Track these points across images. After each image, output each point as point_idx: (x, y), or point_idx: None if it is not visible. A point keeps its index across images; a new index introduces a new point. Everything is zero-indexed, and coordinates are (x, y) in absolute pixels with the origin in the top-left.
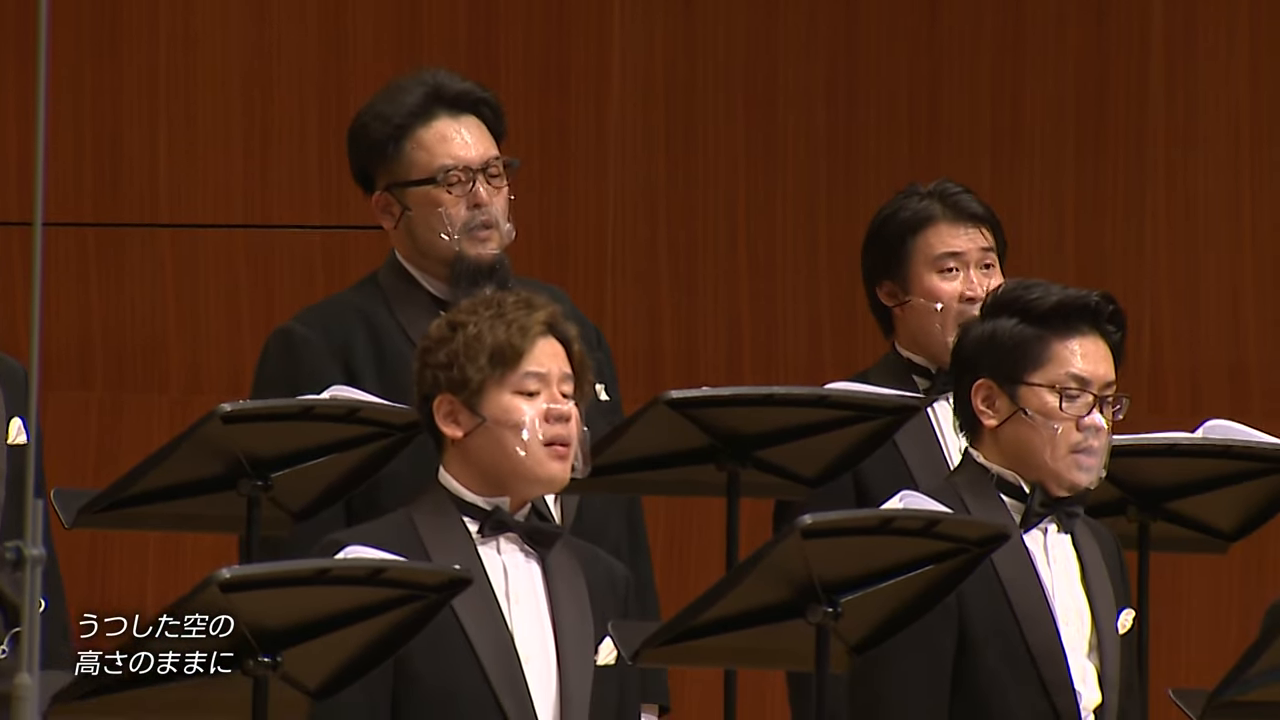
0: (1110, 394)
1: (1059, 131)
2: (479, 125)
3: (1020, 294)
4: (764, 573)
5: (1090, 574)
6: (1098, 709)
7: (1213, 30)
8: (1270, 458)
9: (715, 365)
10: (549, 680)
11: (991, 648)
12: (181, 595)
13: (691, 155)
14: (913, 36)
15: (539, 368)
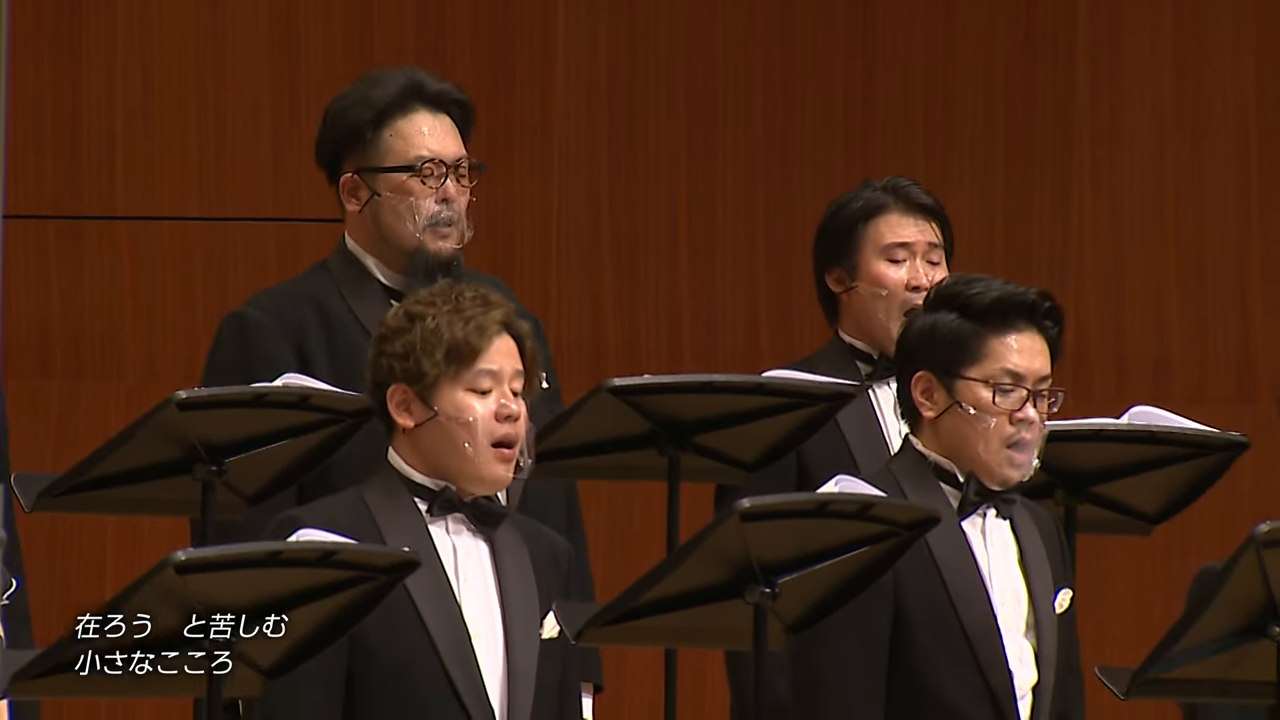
0: (1045, 388)
1: (988, 130)
2: (452, 124)
3: (961, 289)
4: (704, 554)
5: (1028, 556)
6: (1035, 687)
7: (1137, 32)
8: (1192, 443)
9: (656, 354)
10: (496, 653)
11: (927, 628)
12: (138, 577)
13: (633, 152)
14: (847, 38)
15: (493, 365)
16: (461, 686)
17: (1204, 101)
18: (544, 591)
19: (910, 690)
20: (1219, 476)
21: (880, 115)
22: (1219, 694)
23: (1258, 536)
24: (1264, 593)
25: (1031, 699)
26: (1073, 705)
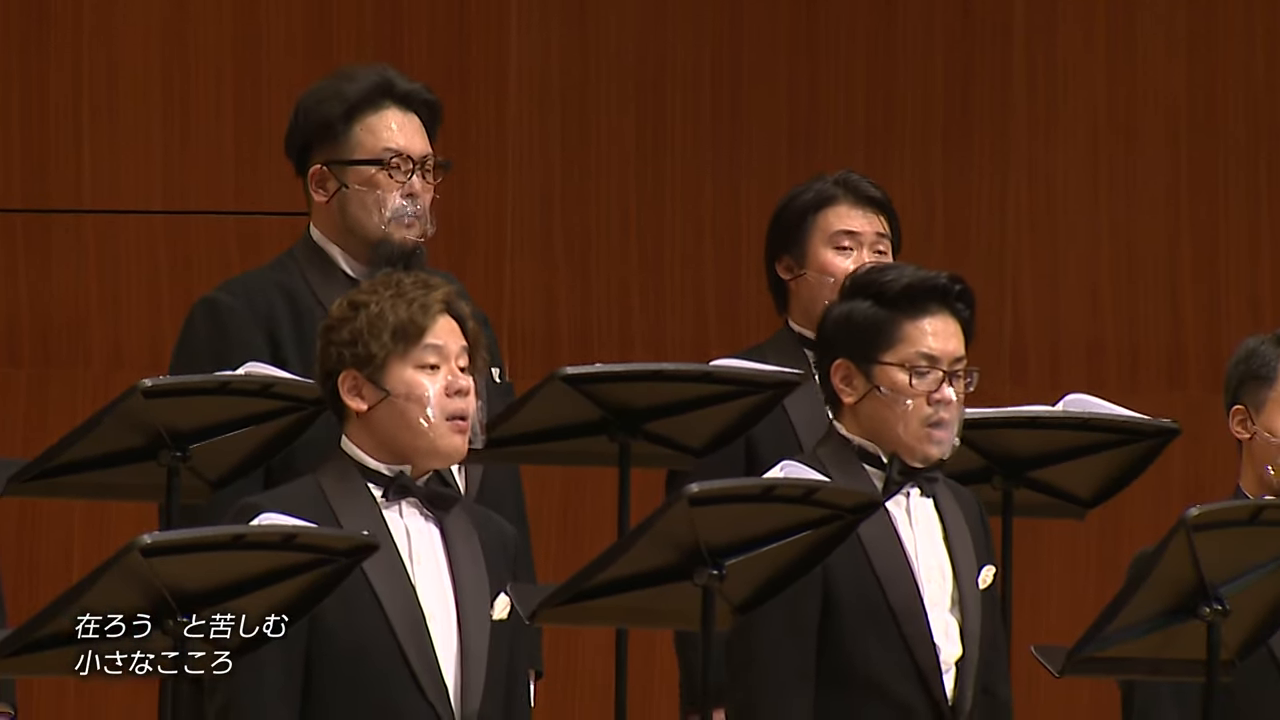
0: (960, 368)
1: (927, 125)
2: (421, 124)
3: (874, 277)
4: (653, 538)
5: (952, 534)
6: (959, 661)
7: (1071, 33)
8: (1125, 429)
9: (608, 343)
10: (450, 634)
11: (854, 608)
12: (105, 559)
13: (584, 149)
14: (791, 37)
15: (439, 342)
16: (417, 666)
17: (1136, 100)
18: (494, 574)
19: (840, 669)
20: (1151, 462)
21: (823, 112)
22: (1151, 672)
23: (1188, 520)
24: (1194, 574)
25: (956, 673)
26: (997, 678)
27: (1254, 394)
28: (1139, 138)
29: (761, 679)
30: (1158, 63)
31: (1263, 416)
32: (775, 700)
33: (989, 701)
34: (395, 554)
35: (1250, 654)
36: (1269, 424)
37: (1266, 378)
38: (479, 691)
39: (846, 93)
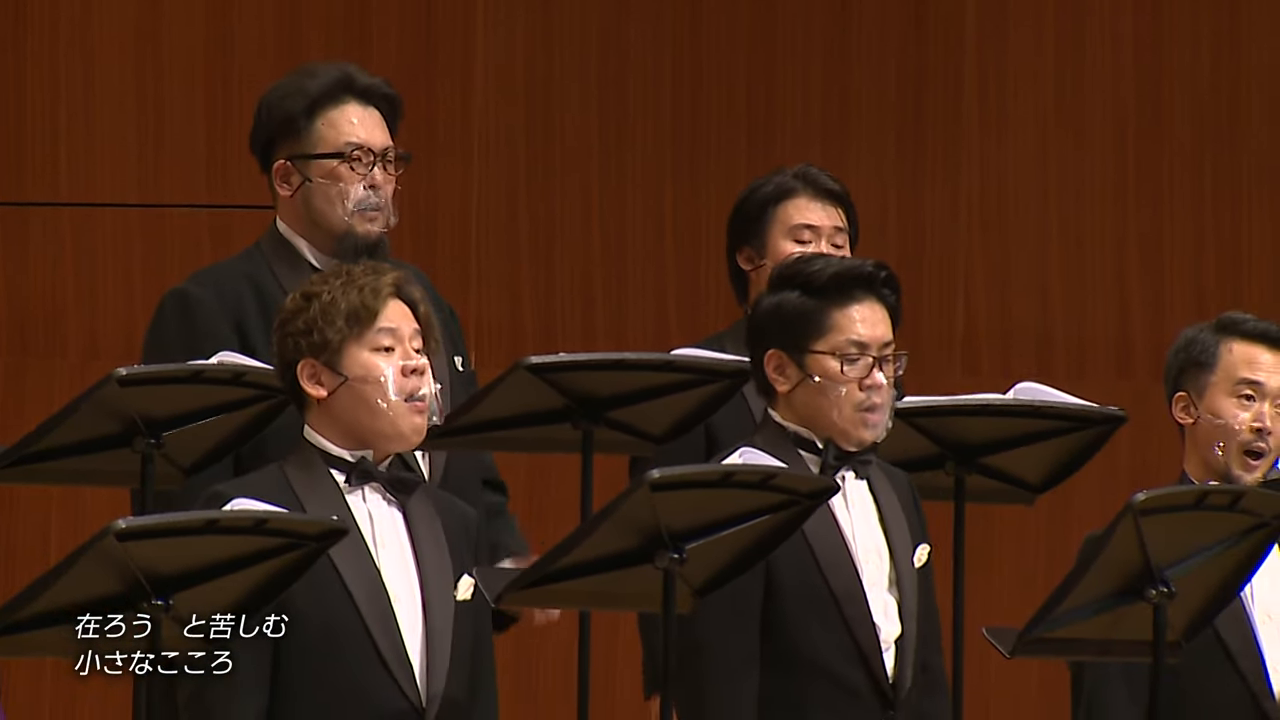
0: (890, 353)
1: (881, 122)
2: (380, 117)
3: (801, 268)
4: (616, 523)
5: (887, 515)
6: (898, 639)
7: (1022, 32)
8: (1074, 416)
9: (571, 334)
10: (415, 615)
11: (795, 592)
12: (81, 544)
13: (549, 144)
14: (750, 36)
15: (391, 324)
16: (384, 648)
17: (1083, 98)
18: (456, 557)
19: (784, 653)
20: (1098, 448)
21: (780, 108)
22: (1100, 653)
23: (1135, 505)
24: (1141, 557)
25: (895, 651)
26: (932, 652)
27: (1195, 380)
28: (1086, 137)
29: (708, 665)
30: (1105, 65)
31: (1205, 401)
32: (722, 686)
33: (925, 675)
34: (359, 538)
35: (1196, 635)
36: (1212, 407)
37: (1207, 364)
38: (444, 671)
39: (803, 91)
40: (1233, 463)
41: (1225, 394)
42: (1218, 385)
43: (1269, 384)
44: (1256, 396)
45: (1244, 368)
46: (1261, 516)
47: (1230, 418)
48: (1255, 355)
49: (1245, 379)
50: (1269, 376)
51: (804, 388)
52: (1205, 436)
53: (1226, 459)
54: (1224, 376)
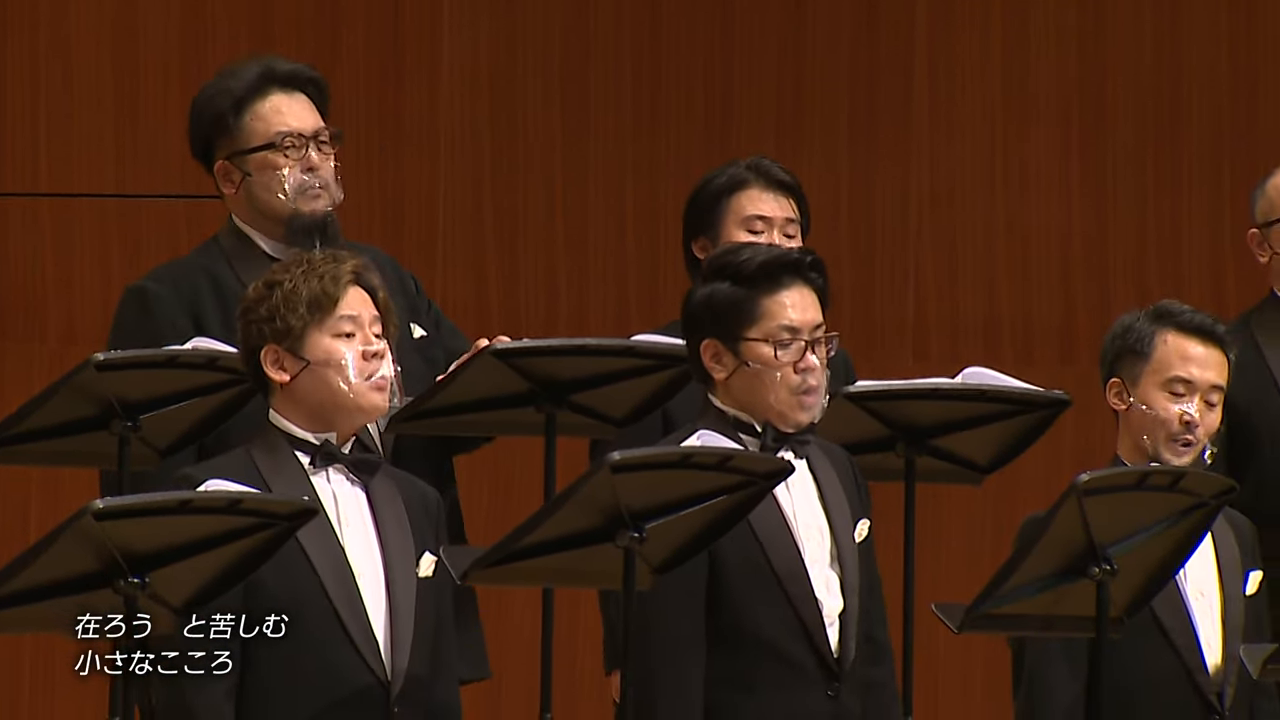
0: (821, 335)
1: (834, 118)
2: (308, 101)
3: (730, 259)
4: (578, 503)
5: (827, 493)
6: (842, 614)
7: (969, 31)
8: (1020, 400)
9: (534, 320)
10: (379, 593)
11: (739, 571)
12: (60, 523)
13: (513, 137)
14: (707, 33)
15: (352, 311)
16: (350, 624)
17: (1029, 96)
18: (418, 535)
19: (730, 631)
20: (1044, 431)
21: (737, 104)
22: (1044, 628)
23: (1078, 485)
24: (1084, 536)
25: (839, 625)
26: (876, 624)
27: (1130, 368)
28: (1032, 131)
29: (655, 647)
30: (1049, 62)
31: (1138, 390)
32: (670, 666)
33: (869, 647)
34: (324, 518)
35: (1137, 611)
36: (1144, 397)
37: (1142, 353)
38: (408, 647)
39: (758, 86)
40: (1161, 450)
41: (1157, 386)
42: (1151, 377)
43: (1200, 380)
44: (1187, 392)
45: (1178, 364)
46: (1200, 496)
47: (1161, 410)
48: (1189, 350)
49: (1178, 376)
50: (1201, 372)
51: (740, 374)
52: (1136, 424)
53: (1155, 446)
54: (1158, 369)
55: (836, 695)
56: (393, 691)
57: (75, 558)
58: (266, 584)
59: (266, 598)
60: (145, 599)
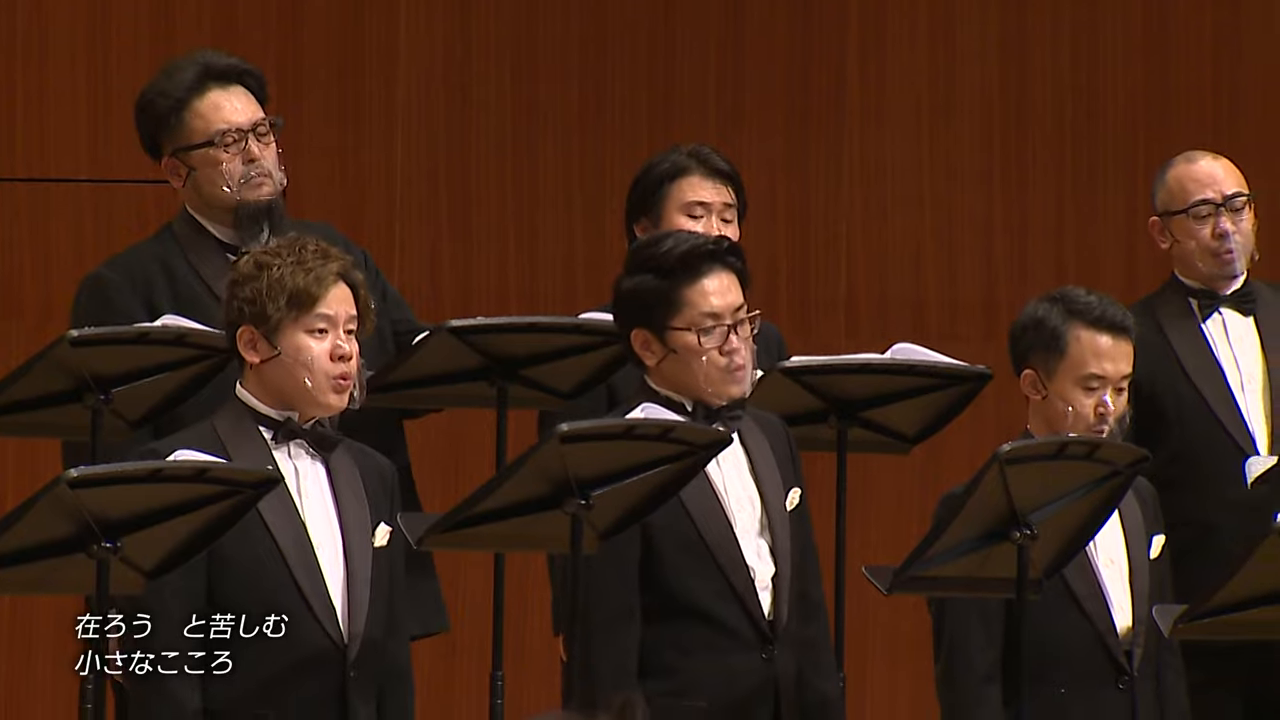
0: (743, 316)
1: (771, 108)
2: (245, 93)
3: (651, 251)
4: (528, 472)
5: (758, 464)
6: (774, 578)
7: (898, 29)
8: (945, 374)
9: (487, 299)
10: (336, 562)
11: (672, 543)
12: (37, 491)
13: (466, 125)
14: (650, 30)
15: (329, 311)
16: (308, 591)
17: (954, 90)
18: (375, 506)
19: (666, 601)
20: (968, 403)
21: (678, 95)
22: (968, 589)
23: (1001, 455)
24: (1005, 502)
25: (772, 589)
26: (810, 583)
27: (1044, 362)
28: (956, 122)
29: (590, 619)
30: (973, 58)
31: (1054, 384)
32: (604, 636)
33: (804, 605)
34: (285, 490)
35: (1055, 573)
36: (1059, 392)
37: (1056, 349)
38: (364, 612)
39: (700, 80)
40: None
41: (1073, 383)
42: (1067, 374)
43: (1113, 373)
44: (1101, 386)
45: (1092, 361)
46: (1116, 466)
47: (1078, 405)
48: (1101, 347)
49: (1093, 373)
50: (1114, 366)
51: (669, 360)
52: (1052, 414)
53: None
54: (1072, 366)
55: (770, 657)
56: (349, 654)
57: (51, 524)
58: (229, 553)
59: (228, 566)
60: (117, 562)
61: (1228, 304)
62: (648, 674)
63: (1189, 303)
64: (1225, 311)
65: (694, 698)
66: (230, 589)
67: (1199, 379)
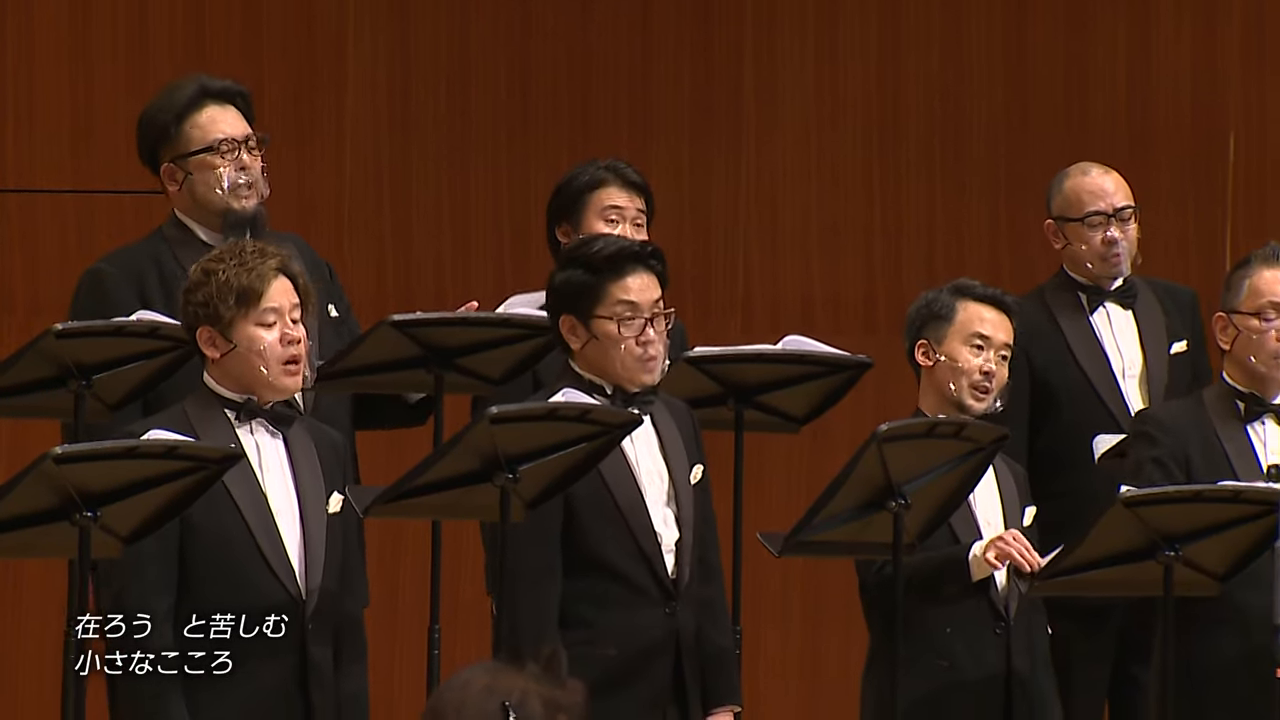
0: (660, 311)
1: (678, 119)
2: (237, 111)
3: (583, 250)
4: (462, 449)
5: (666, 442)
6: (677, 543)
7: (788, 48)
8: (830, 363)
9: (425, 297)
10: (294, 527)
11: (591, 510)
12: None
13: (407, 141)
14: (569, 53)
15: (274, 304)
16: (269, 553)
17: (838, 102)
18: (329, 476)
19: (585, 560)
20: (850, 388)
21: (594, 114)
22: (850, 553)
23: (879, 434)
24: (883, 476)
25: (676, 552)
26: (709, 549)
27: (935, 331)
28: (839, 132)
29: (516, 576)
30: (855, 72)
31: (943, 347)
32: (528, 592)
33: (703, 568)
34: (247, 464)
35: (927, 537)
36: (949, 353)
37: (945, 318)
38: (320, 570)
39: (613, 98)
40: (964, 396)
41: (960, 343)
42: (954, 336)
43: (995, 338)
44: (985, 346)
45: (976, 323)
46: (980, 443)
47: (964, 362)
48: (984, 314)
49: (977, 332)
50: (995, 332)
51: (592, 345)
52: (942, 376)
53: (959, 393)
54: (960, 329)
55: (673, 613)
56: (308, 607)
57: (38, 495)
58: (198, 521)
59: (197, 533)
60: (97, 529)
61: (1112, 299)
62: (565, 625)
63: (1078, 297)
64: (1109, 306)
65: (605, 647)
66: (199, 553)
67: (1086, 364)
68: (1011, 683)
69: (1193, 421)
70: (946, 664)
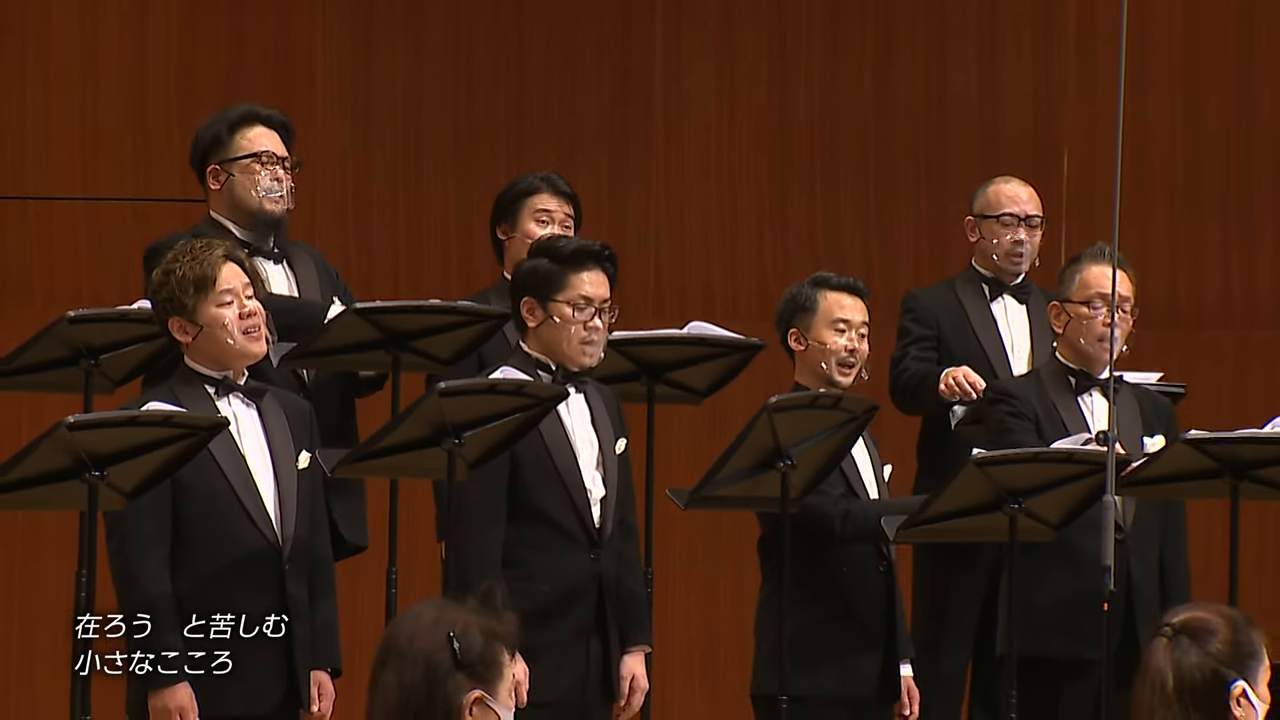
0: (607, 305)
1: (598, 132)
2: (278, 136)
3: (552, 244)
4: (415, 419)
5: (596, 417)
6: (603, 499)
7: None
8: (728, 345)
9: (384, 286)
10: (269, 483)
11: (532, 467)
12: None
13: (368, 158)
14: (507, 75)
15: (227, 285)
16: (248, 506)
17: (735, 113)
18: (297, 438)
19: (525, 509)
20: (745, 367)
21: (529, 127)
22: (745, 506)
23: (770, 405)
24: (772, 440)
25: (601, 507)
26: (628, 511)
27: (803, 320)
28: (737, 140)
29: (464, 521)
30: (748, 86)
31: (811, 333)
32: (474, 536)
33: (623, 529)
34: (227, 431)
35: (809, 493)
36: (816, 337)
37: (810, 308)
38: (293, 520)
39: (544, 115)
40: (833, 373)
41: (825, 327)
42: (819, 323)
43: (853, 320)
44: (846, 328)
45: (836, 310)
46: (854, 413)
47: (830, 343)
48: (843, 301)
49: (838, 318)
50: (852, 315)
51: (546, 326)
52: (813, 357)
53: (829, 371)
54: (823, 316)
55: (597, 558)
56: (284, 553)
57: (53, 457)
58: (188, 480)
59: (187, 491)
60: (104, 486)
61: (1010, 292)
62: (505, 565)
63: (982, 287)
64: (1007, 298)
65: (539, 583)
66: (190, 507)
67: (982, 337)
68: (894, 612)
69: (1035, 392)
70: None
